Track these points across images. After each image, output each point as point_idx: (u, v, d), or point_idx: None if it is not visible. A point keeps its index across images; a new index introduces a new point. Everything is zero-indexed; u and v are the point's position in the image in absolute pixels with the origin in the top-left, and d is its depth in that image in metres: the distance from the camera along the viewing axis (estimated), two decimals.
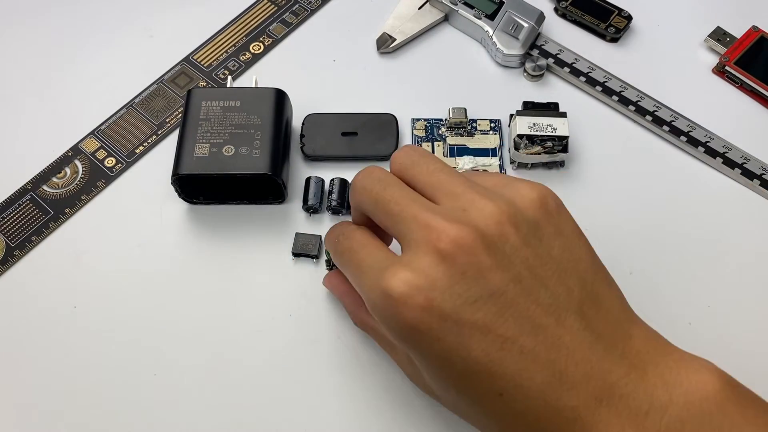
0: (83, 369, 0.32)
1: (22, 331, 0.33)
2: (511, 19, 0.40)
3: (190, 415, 0.31)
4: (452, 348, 0.22)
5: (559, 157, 0.36)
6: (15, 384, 0.32)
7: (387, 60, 0.41)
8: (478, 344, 0.22)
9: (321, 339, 0.33)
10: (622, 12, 0.42)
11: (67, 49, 0.42)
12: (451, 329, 0.22)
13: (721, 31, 0.41)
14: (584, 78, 0.39)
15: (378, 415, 0.31)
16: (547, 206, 0.24)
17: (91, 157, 0.38)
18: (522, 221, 0.23)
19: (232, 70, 0.41)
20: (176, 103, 0.40)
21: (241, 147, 0.34)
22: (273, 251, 0.35)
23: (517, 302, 0.22)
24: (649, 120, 0.38)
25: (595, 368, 0.22)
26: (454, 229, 0.22)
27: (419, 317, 0.22)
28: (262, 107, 0.35)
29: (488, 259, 0.22)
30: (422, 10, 0.42)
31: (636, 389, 0.22)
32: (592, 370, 0.22)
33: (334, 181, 0.36)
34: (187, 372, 0.32)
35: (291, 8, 0.43)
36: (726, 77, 0.40)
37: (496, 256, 0.22)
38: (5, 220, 0.36)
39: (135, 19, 0.43)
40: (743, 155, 0.37)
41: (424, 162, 0.26)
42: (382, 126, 0.38)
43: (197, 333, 0.33)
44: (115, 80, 0.40)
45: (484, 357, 0.22)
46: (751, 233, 0.35)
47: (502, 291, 0.22)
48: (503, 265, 0.22)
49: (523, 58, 0.40)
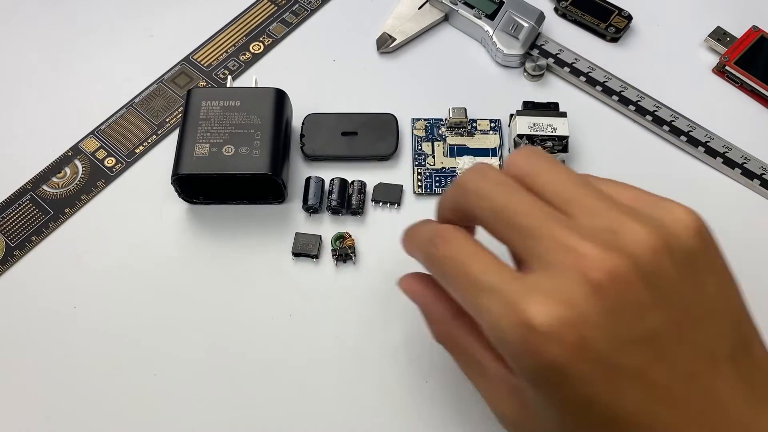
0: (83, 369, 0.32)
1: (22, 331, 0.33)
2: (511, 19, 0.40)
3: (190, 414, 0.31)
4: (601, 393, 0.19)
5: (559, 157, 0.36)
6: (15, 384, 0.32)
7: (387, 60, 0.41)
8: (631, 392, 0.19)
9: (321, 339, 0.33)
10: (622, 12, 0.42)
11: (67, 49, 0.42)
12: (605, 373, 0.19)
13: (721, 31, 0.41)
14: (584, 78, 0.39)
15: (378, 415, 0.31)
16: (704, 236, 0.21)
17: (91, 157, 0.38)
18: (678, 251, 0.20)
19: (232, 70, 0.41)
20: (176, 103, 0.40)
21: (241, 147, 0.34)
22: (273, 251, 0.35)
23: (675, 347, 0.19)
24: (649, 120, 0.38)
25: (751, 427, 0.20)
26: (608, 257, 0.19)
27: (568, 357, 0.19)
28: (262, 107, 0.35)
29: (647, 294, 0.19)
30: (422, 10, 0.42)
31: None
32: (746, 427, 0.20)
33: (334, 181, 0.36)
34: (186, 372, 0.32)
35: (291, 8, 0.43)
36: (726, 77, 0.40)
37: (654, 292, 0.19)
38: (5, 220, 0.36)
39: (135, 19, 0.43)
40: (743, 155, 0.37)
41: (553, 169, 0.22)
42: (382, 126, 0.38)
43: (197, 333, 0.33)
44: (115, 80, 0.40)
45: (636, 407, 0.19)
46: (751, 233, 0.35)
47: (660, 333, 0.19)
48: (661, 303, 0.19)
49: (523, 58, 0.40)
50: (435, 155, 0.37)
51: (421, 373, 0.32)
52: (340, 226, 0.35)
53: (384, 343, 0.32)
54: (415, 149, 0.38)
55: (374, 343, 0.32)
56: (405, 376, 0.32)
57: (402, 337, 0.32)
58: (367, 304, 0.33)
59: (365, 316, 0.33)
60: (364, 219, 0.36)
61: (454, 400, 0.31)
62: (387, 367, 0.32)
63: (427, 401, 0.31)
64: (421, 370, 0.32)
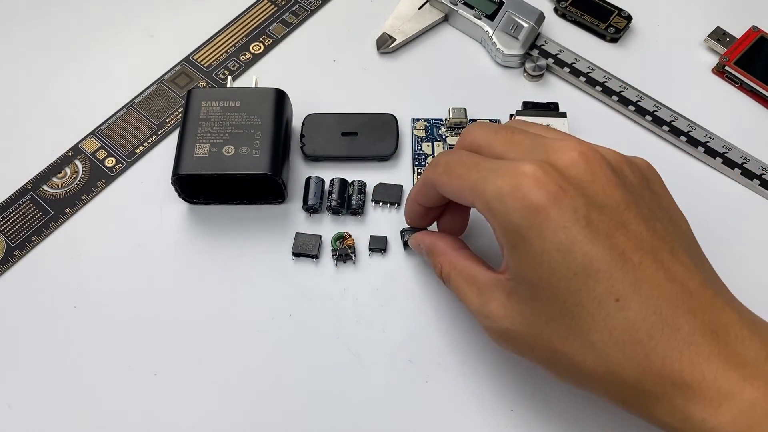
0: (83, 369, 0.32)
1: (22, 330, 0.33)
2: (511, 19, 0.40)
3: (190, 414, 0.31)
4: (578, 240, 0.22)
5: None
6: (15, 384, 0.32)
7: (387, 60, 0.41)
8: (604, 242, 0.22)
9: (321, 339, 0.33)
10: (622, 12, 0.42)
11: (67, 49, 0.42)
12: (579, 221, 0.22)
13: (721, 31, 0.41)
14: (584, 78, 0.39)
15: (378, 414, 0.31)
16: (655, 172, 0.27)
17: (91, 157, 0.38)
18: (636, 170, 0.25)
19: (232, 70, 0.41)
20: (176, 103, 0.40)
21: (241, 147, 0.34)
22: (273, 251, 0.35)
23: (638, 221, 0.23)
24: (648, 120, 0.38)
25: (708, 303, 0.22)
26: (583, 145, 0.24)
27: (552, 199, 0.22)
28: (262, 107, 0.35)
29: (615, 176, 0.24)
30: (422, 10, 0.42)
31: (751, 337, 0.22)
32: (706, 304, 0.22)
33: (334, 181, 0.36)
34: (186, 372, 0.32)
35: (291, 8, 0.43)
36: (726, 77, 0.40)
37: (619, 177, 0.24)
38: (5, 220, 0.36)
39: (135, 19, 0.43)
40: (743, 155, 0.37)
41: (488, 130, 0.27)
42: (382, 126, 0.38)
43: (197, 333, 0.33)
44: (115, 80, 0.40)
45: (609, 255, 0.22)
46: (751, 233, 0.35)
47: (625, 205, 0.23)
48: (626, 187, 0.24)
49: (523, 58, 0.40)
50: (435, 155, 0.37)
51: (421, 373, 0.32)
52: (340, 226, 0.35)
53: (384, 343, 0.32)
54: (415, 149, 0.38)
55: (374, 343, 0.32)
56: (405, 376, 0.32)
57: (402, 337, 0.32)
58: (367, 304, 0.33)
59: (365, 316, 0.33)
60: (364, 219, 0.36)
61: (454, 400, 0.31)
62: (387, 367, 0.32)
63: (427, 401, 0.31)
64: (421, 370, 0.32)
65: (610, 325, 0.22)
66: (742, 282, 0.34)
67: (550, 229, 0.22)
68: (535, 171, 0.23)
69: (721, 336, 0.21)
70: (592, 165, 0.24)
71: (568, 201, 0.23)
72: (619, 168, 0.25)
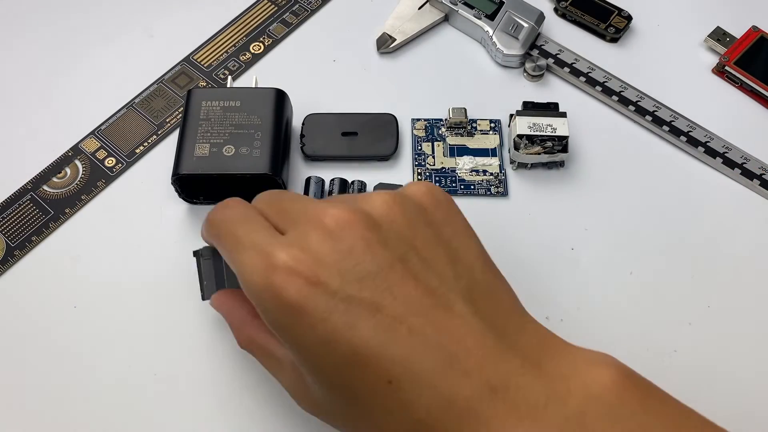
0: (83, 369, 0.32)
1: (22, 331, 0.33)
2: (511, 19, 0.40)
3: (190, 414, 0.31)
4: (338, 329, 0.21)
5: (559, 157, 0.36)
6: (15, 384, 0.32)
7: (387, 60, 0.41)
8: (365, 323, 0.21)
9: None
10: (622, 12, 0.42)
11: (67, 49, 0.42)
12: (337, 307, 0.21)
13: (721, 31, 0.41)
14: (584, 78, 0.39)
15: None
16: (436, 196, 0.24)
17: (91, 157, 0.38)
18: (410, 205, 0.24)
19: (232, 70, 0.41)
20: (176, 103, 0.40)
21: (242, 147, 0.34)
22: None
23: (405, 282, 0.22)
24: (649, 120, 0.38)
25: (488, 356, 0.21)
26: (338, 209, 0.23)
27: (304, 294, 0.21)
28: (262, 107, 0.35)
29: (374, 235, 0.22)
30: (422, 10, 0.42)
31: (533, 381, 0.21)
32: (485, 358, 0.21)
33: (334, 181, 0.36)
34: (187, 372, 0.32)
35: (291, 8, 0.43)
36: (726, 77, 0.40)
37: (381, 234, 0.22)
38: (5, 220, 0.36)
39: (135, 19, 0.43)
40: (743, 155, 0.37)
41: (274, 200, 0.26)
42: (382, 126, 0.38)
43: (197, 332, 0.33)
44: (115, 80, 0.40)
45: (372, 338, 0.21)
46: (751, 233, 0.35)
47: (389, 267, 0.22)
48: (390, 243, 0.22)
49: (523, 58, 0.40)
50: (435, 155, 0.37)
51: None
52: None
53: None
54: (415, 149, 0.38)
55: None
56: None
57: None
58: None
59: None
60: None
61: None
62: None
63: None
64: None
65: (389, 407, 0.21)
66: (742, 282, 0.34)
67: (310, 325, 0.21)
68: (286, 261, 0.22)
69: (500, 392, 0.21)
70: (344, 233, 0.22)
71: (321, 289, 0.21)
72: (383, 218, 0.23)
